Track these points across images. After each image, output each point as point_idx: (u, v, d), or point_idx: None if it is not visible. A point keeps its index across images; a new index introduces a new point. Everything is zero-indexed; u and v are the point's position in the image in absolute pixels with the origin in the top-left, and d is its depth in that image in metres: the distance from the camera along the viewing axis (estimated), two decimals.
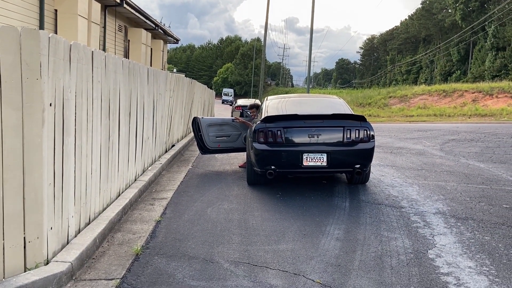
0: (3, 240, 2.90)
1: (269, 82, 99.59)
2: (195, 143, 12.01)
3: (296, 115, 5.77)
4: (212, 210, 5.15)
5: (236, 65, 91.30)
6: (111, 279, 3.22)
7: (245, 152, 8.40)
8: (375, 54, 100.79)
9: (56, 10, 12.41)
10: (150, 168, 7.05)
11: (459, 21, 57.76)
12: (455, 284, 3.22)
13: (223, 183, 6.68)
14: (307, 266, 3.54)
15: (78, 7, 12.49)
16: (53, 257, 3.27)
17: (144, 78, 6.41)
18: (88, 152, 4.07)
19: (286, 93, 68.07)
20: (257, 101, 25.13)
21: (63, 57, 3.34)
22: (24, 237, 3.01)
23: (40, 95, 2.99)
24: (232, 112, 24.07)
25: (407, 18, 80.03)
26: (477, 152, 9.65)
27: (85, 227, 4.02)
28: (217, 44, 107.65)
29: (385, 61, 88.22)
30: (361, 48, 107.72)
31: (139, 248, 3.80)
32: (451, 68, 61.31)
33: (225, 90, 67.08)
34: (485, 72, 49.22)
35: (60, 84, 3.32)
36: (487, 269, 3.48)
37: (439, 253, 3.81)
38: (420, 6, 72.95)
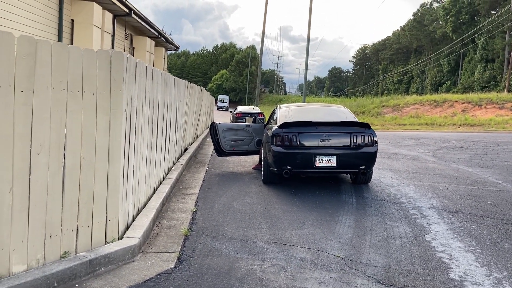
0: (92, 217, 3.64)
1: (263, 89, 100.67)
2: (205, 146, 12.78)
3: (309, 122, 6.58)
4: (238, 203, 5.92)
5: (231, 72, 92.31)
6: (172, 252, 3.97)
7: (257, 155, 9.20)
8: (367, 63, 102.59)
9: (72, 20, 13.12)
10: (173, 168, 7.80)
11: (450, 33, 59.46)
12: (447, 258, 4.02)
13: (240, 182, 7.45)
14: (327, 245, 4.32)
15: (94, 18, 13.23)
16: (122, 234, 4.01)
17: (171, 87, 7.18)
18: (141, 151, 4.83)
19: (280, 100, 69.09)
20: (257, 108, 25.90)
21: (132, 72, 4.11)
22: (106, 216, 3.75)
23: (120, 103, 3.75)
24: (231, 119, 24.86)
25: (399, 29, 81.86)
26: (466, 158, 10.55)
27: (137, 214, 4.76)
28: (212, 51, 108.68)
29: (377, 71, 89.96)
30: (353, 57, 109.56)
31: (187, 230, 4.56)
32: (441, 79, 62.90)
33: (220, 96, 67.89)
34: (475, 83, 50.72)
35: (130, 94, 4.08)
36: (473, 248, 4.29)
37: (434, 237, 4.62)
38: (412, 17, 74.74)
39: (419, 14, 72.57)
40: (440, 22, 64.95)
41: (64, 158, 3.39)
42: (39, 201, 3.23)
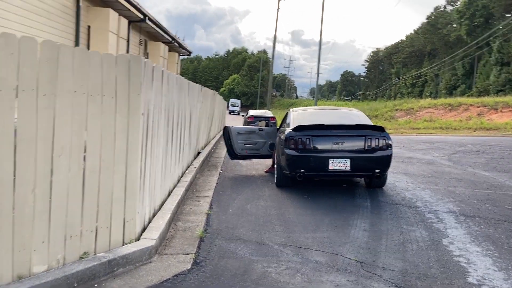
0: (111, 218, 3.70)
1: (274, 93, 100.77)
2: (218, 150, 12.84)
3: (323, 125, 6.58)
4: (251, 206, 5.94)
5: (243, 76, 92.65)
6: (187, 254, 4.01)
7: (270, 159, 9.22)
8: (380, 67, 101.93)
9: (89, 26, 13.35)
10: (187, 171, 7.86)
11: (464, 36, 58.77)
12: (465, 262, 3.98)
13: (254, 185, 7.48)
14: (343, 248, 4.31)
15: (110, 24, 13.44)
16: (139, 236, 4.06)
17: (186, 91, 7.26)
18: (157, 154, 4.89)
19: (292, 104, 69.04)
20: (269, 112, 25.94)
21: (150, 77, 4.18)
22: (124, 218, 3.81)
23: (138, 107, 3.81)
24: (243, 122, 24.94)
25: (413, 32, 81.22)
26: (483, 163, 10.40)
27: (153, 216, 4.81)
28: (224, 55, 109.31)
29: (390, 74, 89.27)
30: (366, 61, 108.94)
31: (202, 232, 4.60)
32: (456, 82, 62.15)
33: (232, 100, 68.14)
34: (490, 86, 49.99)
35: (147, 98, 4.14)
36: (491, 253, 4.23)
37: (451, 241, 4.58)
38: (425, 20, 74.13)
39: (432, 17, 71.94)
40: (454, 25, 64.25)
41: (84, 160, 3.46)
42: (60, 202, 3.30)
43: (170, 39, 20.69)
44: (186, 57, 30.56)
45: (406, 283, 3.50)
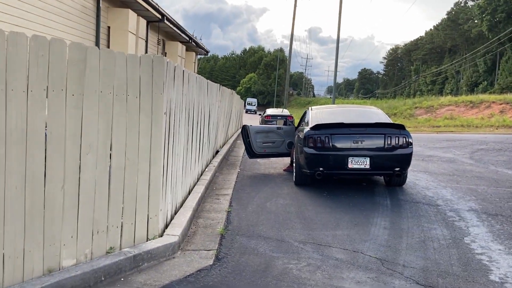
0: (135, 215, 3.80)
1: (291, 92, 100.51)
2: (236, 149, 12.93)
3: (342, 123, 6.58)
4: (271, 204, 5.99)
5: (259, 75, 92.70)
6: (209, 250, 4.09)
7: (288, 157, 9.25)
8: (398, 64, 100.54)
9: (109, 27, 13.60)
10: (207, 169, 7.96)
11: (486, 32, 57.48)
12: (487, 260, 3.94)
13: (272, 183, 7.52)
14: (363, 246, 4.32)
15: (129, 24, 13.67)
16: (162, 232, 4.15)
17: (205, 90, 7.35)
18: (178, 152, 4.98)
19: (309, 103, 68.75)
20: (286, 110, 25.91)
21: (172, 76, 4.27)
22: (148, 214, 3.91)
23: (161, 106, 3.90)
24: (260, 121, 25.00)
25: (432, 28, 79.84)
26: (505, 161, 10.20)
27: (174, 213, 4.91)
28: (241, 54, 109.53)
29: (409, 71, 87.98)
30: (384, 58, 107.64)
31: (223, 229, 4.67)
32: (477, 79, 60.85)
33: (248, 99, 68.26)
34: None
35: (169, 98, 4.23)
36: None
37: (473, 239, 4.53)
38: (445, 16, 72.78)
39: (453, 12, 70.59)
40: (476, 21, 62.91)
41: (110, 158, 3.56)
42: (88, 198, 3.42)
43: (187, 38, 20.88)
44: (203, 56, 30.78)
45: (427, 280, 3.50)
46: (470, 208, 5.79)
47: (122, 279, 3.38)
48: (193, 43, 22.32)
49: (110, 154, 3.58)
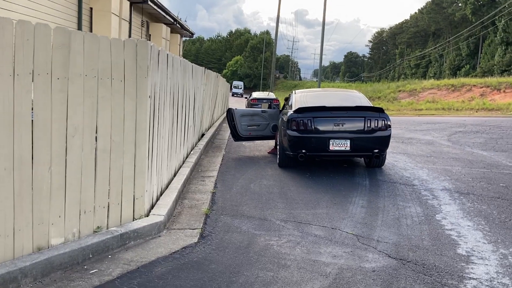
0: (121, 195, 3.93)
1: (277, 75, 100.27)
2: (221, 132, 13.05)
3: (324, 106, 6.75)
4: (255, 185, 6.17)
5: (246, 58, 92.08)
6: (194, 229, 4.25)
7: (273, 140, 9.42)
8: (384, 47, 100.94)
9: (91, 8, 13.38)
10: (192, 152, 8.08)
11: (469, 15, 58.01)
12: (456, 236, 4.21)
13: (257, 165, 7.70)
14: (341, 223, 4.55)
15: (112, 5, 13.47)
16: (148, 212, 4.30)
17: (189, 73, 7.41)
18: (163, 135, 5.09)
19: (295, 86, 68.75)
20: (271, 94, 25.99)
21: (156, 60, 4.34)
22: (134, 195, 4.04)
23: (145, 90, 3.99)
24: (246, 104, 25.06)
25: (417, 11, 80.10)
26: (481, 142, 10.57)
27: (160, 195, 5.05)
28: (227, 36, 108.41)
29: (394, 55, 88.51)
30: (370, 41, 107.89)
31: (207, 209, 4.84)
32: (460, 63, 61.64)
33: (235, 82, 67.91)
34: (494, 66, 49.58)
35: (153, 81, 4.32)
36: (482, 227, 4.46)
37: (444, 216, 4.80)
38: (430, 0, 73.03)
39: None
40: (460, 4, 63.37)
41: (96, 140, 3.66)
42: (75, 179, 3.53)
43: (172, 20, 20.63)
44: (188, 38, 30.49)
45: (399, 254, 3.74)
46: (443, 187, 6.07)
47: (110, 256, 3.53)
48: (177, 25, 22.06)
49: (96, 137, 3.68)
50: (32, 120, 3.20)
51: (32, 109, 3.20)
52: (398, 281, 3.20)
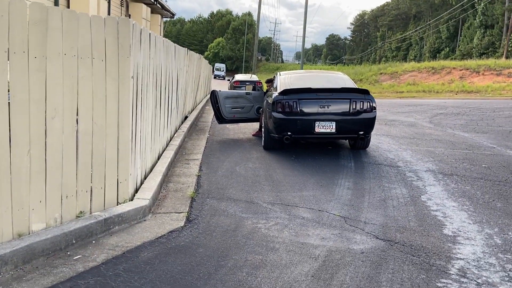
0: (105, 179, 3.81)
1: (260, 58, 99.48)
2: (205, 114, 12.88)
3: (309, 88, 6.69)
4: (240, 168, 6.11)
5: (227, 40, 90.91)
6: (180, 213, 4.18)
7: (257, 122, 9.34)
8: (365, 30, 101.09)
9: None
10: (176, 135, 7.94)
11: None
12: (442, 216, 4.25)
13: (242, 148, 7.63)
14: (328, 205, 4.54)
15: None
16: (133, 196, 4.19)
17: (172, 54, 7.22)
18: (146, 117, 4.95)
19: (277, 69, 68.44)
20: (254, 76, 25.78)
21: (138, 39, 4.17)
22: (117, 179, 3.93)
23: (128, 70, 3.84)
24: (229, 87, 24.80)
25: None
26: (462, 124, 10.73)
27: (144, 178, 4.94)
28: (208, 18, 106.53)
29: (375, 38, 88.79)
30: (352, 24, 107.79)
31: (193, 193, 4.76)
32: (440, 45, 62.34)
33: (217, 65, 67.09)
34: (473, 49, 50.34)
35: (136, 61, 4.16)
36: (466, 207, 4.52)
37: (429, 197, 4.85)
38: None
39: None
40: None
41: (77, 123, 3.52)
42: (55, 163, 3.39)
43: (152, 0, 20.09)
44: (169, 19, 29.81)
45: (386, 235, 3.76)
46: (427, 168, 6.14)
47: (94, 241, 3.43)
48: (158, 5, 21.49)
49: (77, 119, 3.53)
50: (9, 102, 3.03)
51: (9, 91, 3.03)
52: (387, 263, 3.21)
